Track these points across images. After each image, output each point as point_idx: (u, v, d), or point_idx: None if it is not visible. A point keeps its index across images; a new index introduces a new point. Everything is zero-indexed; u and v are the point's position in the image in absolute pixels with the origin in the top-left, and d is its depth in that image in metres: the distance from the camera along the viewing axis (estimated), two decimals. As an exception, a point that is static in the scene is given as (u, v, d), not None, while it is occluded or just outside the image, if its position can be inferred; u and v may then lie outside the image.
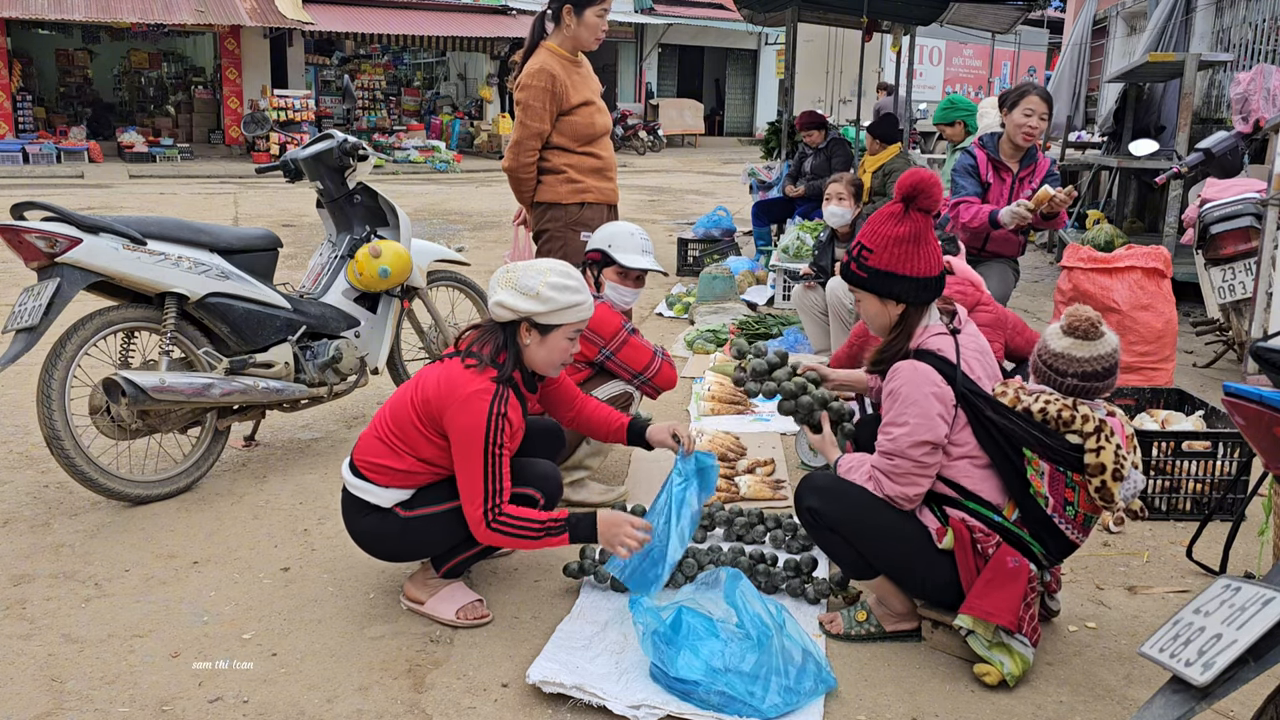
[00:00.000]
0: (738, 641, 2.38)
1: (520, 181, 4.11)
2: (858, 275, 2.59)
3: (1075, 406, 2.43)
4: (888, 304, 2.58)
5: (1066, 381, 2.48)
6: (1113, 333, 2.53)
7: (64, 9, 16.83)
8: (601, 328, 3.39)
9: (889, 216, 2.56)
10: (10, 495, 3.59)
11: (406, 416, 2.64)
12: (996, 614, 2.41)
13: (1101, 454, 2.37)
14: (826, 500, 2.57)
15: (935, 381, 2.46)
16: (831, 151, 8.05)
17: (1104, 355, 2.47)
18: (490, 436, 2.53)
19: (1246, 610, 1.54)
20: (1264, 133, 5.87)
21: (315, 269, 4.25)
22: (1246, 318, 5.04)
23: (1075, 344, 2.48)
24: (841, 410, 2.96)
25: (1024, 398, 2.48)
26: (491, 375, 2.59)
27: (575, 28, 4.00)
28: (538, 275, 2.60)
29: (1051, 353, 2.51)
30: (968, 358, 2.55)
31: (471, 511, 2.56)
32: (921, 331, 2.57)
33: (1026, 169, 4.61)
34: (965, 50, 24.72)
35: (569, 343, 2.69)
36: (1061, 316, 2.55)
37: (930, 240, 2.55)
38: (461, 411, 2.53)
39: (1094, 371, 2.46)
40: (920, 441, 2.44)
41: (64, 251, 3.26)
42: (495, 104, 23.05)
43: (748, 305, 6.76)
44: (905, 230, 2.53)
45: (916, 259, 2.52)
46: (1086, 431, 2.39)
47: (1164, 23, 9.09)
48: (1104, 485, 2.39)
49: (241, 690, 2.42)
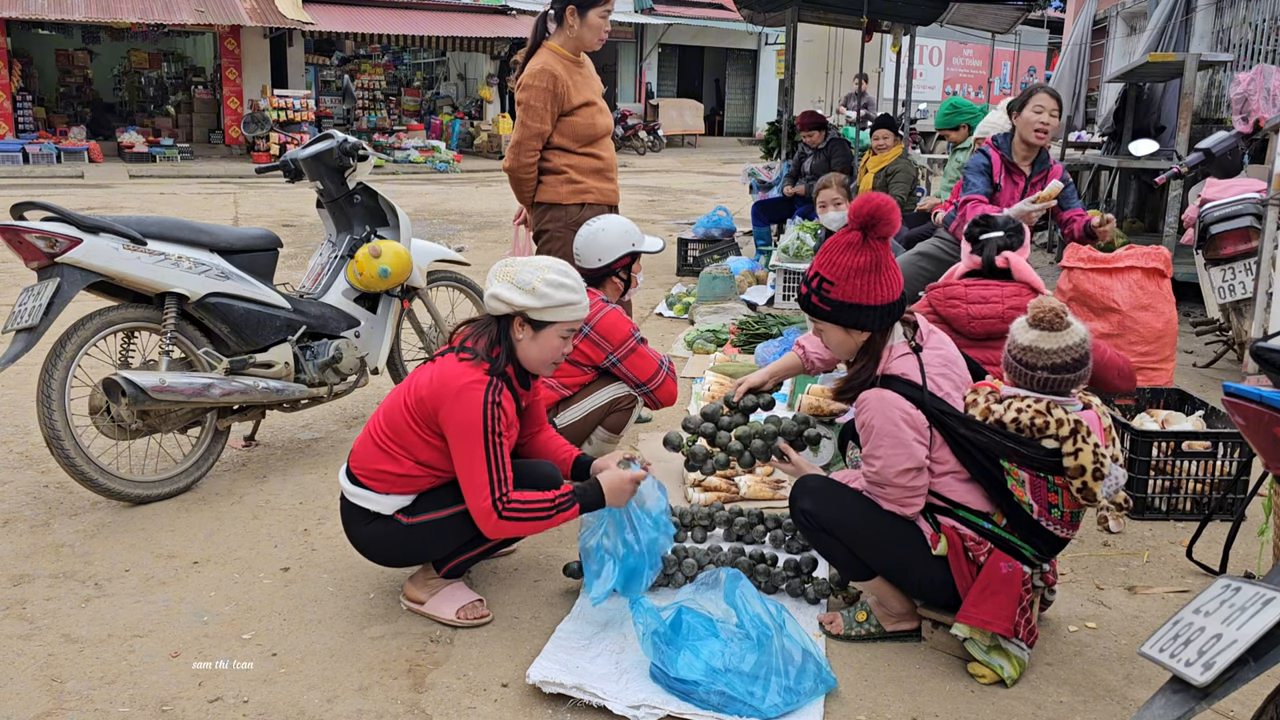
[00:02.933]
0: (738, 641, 2.38)
1: (521, 182, 4.11)
2: (820, 309, 2.54)
3: (1049, 410, 2.39)
4: (852, 333, 2.55)
5: (1038, 375, 2.44)
6: (1080, 322, 2.49)
7: (64, 9, 16.83)
8: (611, 334, 3.38)
9: (846, 246, 2.51)
10: (10, 495, 3.59)
11: (402, 419, 2.63)
12: (993, 622, 2.42)
13: (1080, 456, 2.35)
14: (820, 502, 2.57)
15: (903, 408, 2.44)
16: (831, 151, 8.06)
17: (1072, 346, 2.43)
18: (488, 425, 2.52)
19: (1246, 610, 1.53)
20: (1264, 133, 5.87)
21: (315, 269, 4.25)
22: (1246, 318, 5.04)
23: (1042, 336, 2.44)
24: (808, 434, 2.93)
25: (995, 408, 2.45)
26: (485, 368, 2.59)
27: (579, 28, 4.00)
28: (535, 271, 2.60)
29: (1020, 346, 2.48)
30: (934, 375, 2.51)
31: (479, 504, 2.54)
32: (886, 354, 2.54)
33: (1039, 174, 4.56)
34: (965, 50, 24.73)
35: (562, 341, 2.68)
36: (1028, 308, 2.51)
37: (889, 264, 2.51)
38: (456, 404, 2.53)
39: (1064, 363, 2.42)
40: (903, 470, 2.44)
41: (64, 251, 3.26)
42: (495, 104, 23.05)
43: (748, 305, 6.76)
44: (864, 260, 2.48)
45: (878, 287, 2.49)
46: (1062, 435, 2.37)
47: (1164, 23, 9.09)
48: (1085, 486, 2.38)
49: (241, 690, 2.42)
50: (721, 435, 2.96)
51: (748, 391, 3.03)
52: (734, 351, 5.51)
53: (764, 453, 2.89)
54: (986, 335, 3.32)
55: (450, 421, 2.54)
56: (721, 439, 2.95)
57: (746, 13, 10.50)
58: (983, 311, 3.32)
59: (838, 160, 7.95)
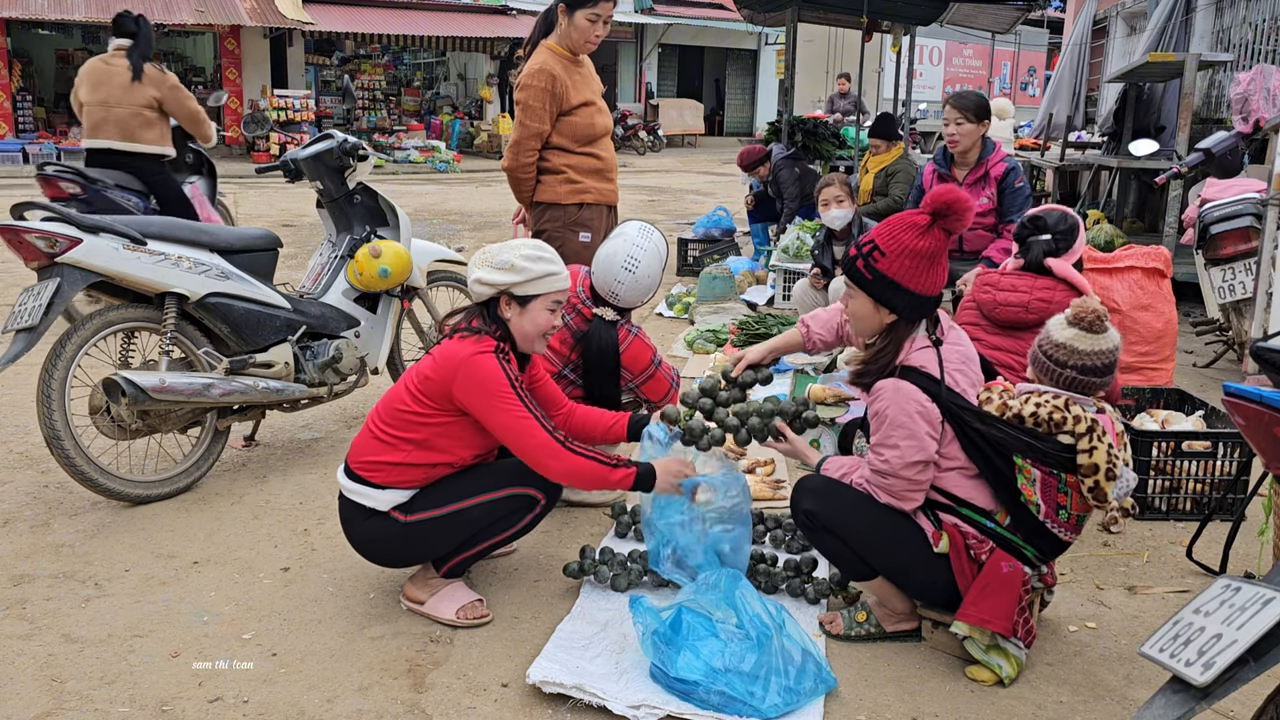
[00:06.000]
0: (738, 642, 2.38)
1: (519, 181, 4.11)
2: (863, 275, 2.52)
3: (1067, 407, 2.40)
4: (880, 310, 2.52)
5: (1065, 374, 2.45)
6: (1116, 330, 2.50)
7: (64, 9, 16.82)
8: (634, 365, 3.37)
9: (912, 226, 2.48)
10: (10, 495, 3.59)
11: (401, 402, 2.67)
12: (992, 621, 2.41)
13: (1095, 454, 2.36)
14: (822, 502, 2.57)
15: (920, 400, 2.43)
16: (778, 177, 7.94)
17: (1106, 350, 2.45)
18: (510, 378, 2.59)
19: (1246, 610, 1.53)
20: (1264, 133, 5.87)
21: (315, 269, 4.25)
22: (1246, 318, 5.04)
23: (1080, 335, 2.45)
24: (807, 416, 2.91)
25: (1011, 403, 2.46)
26: (488, 342, 2.65)
27: (567, 28, 4.00)
28: (511, 250, 2.68)
29: (1053, 343, 2.48)
30: (951, 370, 2.51)
31: (537, 445, 2.58)
32: (908, 345, 2.53)
33: (975, 172, 4.66)
34: (965, 50, 24.74)
35: (550, 314, 2.72)
36: (1069, 306, 2.51)
37: (942, 262, 2.50)
38: (470, 372, 2.58)
39: (1094, 366, 2.44)
40: (912, 462, 2.44)
41: (64, 251, 3.26)
42: (495, 104, 23.04)
43: (748, 305, 6.76)
44: (925, 245, 2.46)
45: (925, 275, 2.47)
46: (1079, 432, 2.38)
47: (1164, 23, 9.09)
48: (1097, 485, 2.38)
49: (241, 690, 2.42)
50: (719, 411, 2.92)
51: (747, 367, 2.99)
52: (734, 351, 5.51)
53: (761, 431, 2.85)
54: (1009, 323, 3.42)
55: (469, 390, 2.58)
56: (719, 415, 2.91)
57: (746, 13, 10.50)
58: (1009, 299, 3.42)
59: (786, 185, 7.82)
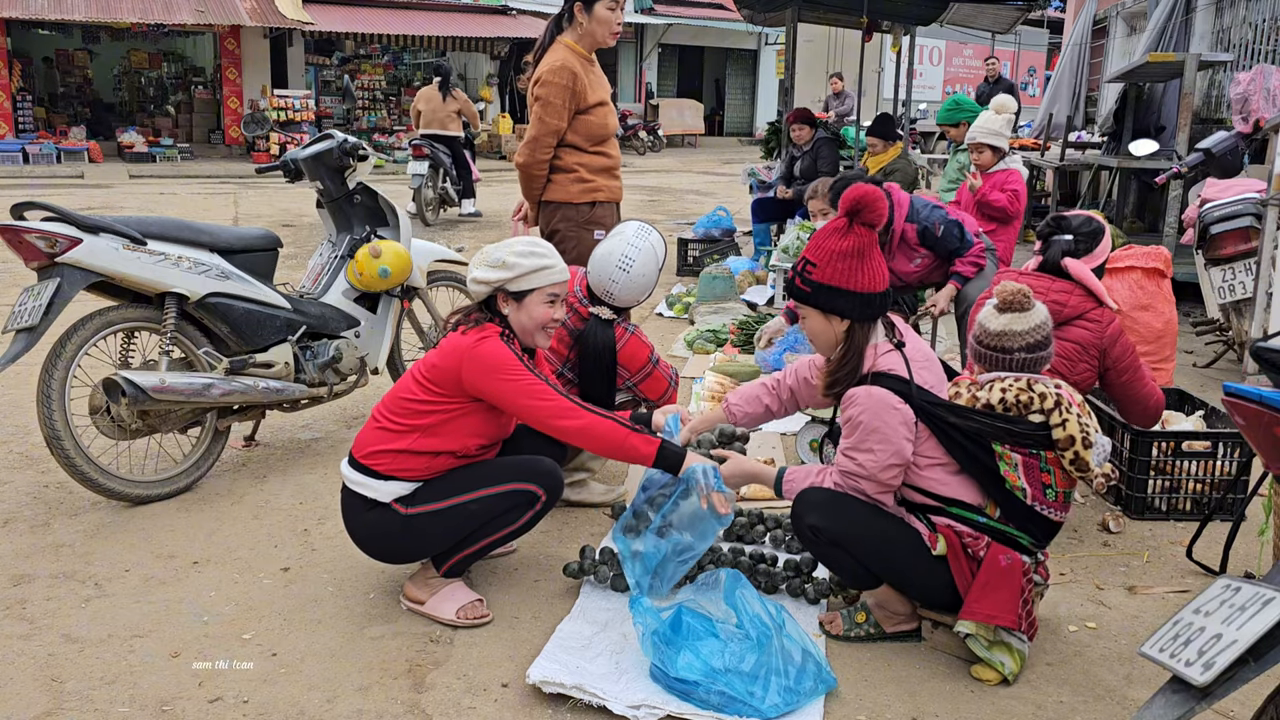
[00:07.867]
0: (738, 642, 2.38)
1: (532, 178, 4.11)
2: (801, 290, 2.57)
3: (1030, 386, 2.49)
4: (831, 320, 2.55)
5: (1015, 357, 2.56)
6: (1040, 303, 2.63)
7: (64, 9, 16.81)
8: (631, 363, 3.42)
9: (833, 231, 2.54)
10: (10, 495, 3.59)
11: (408, 392, 2.71)
12: (998, 616, 2.42)
13: (1067, 425, 2.43)
14: (827, 516, 2.56)
15: (893, 404, 2.46)
16: (817, 153, 8.00)
17: (1042, 324, 2.59)
18: (517, 355, 2.66)
19: (1246, 610, 1.54)
20: (1264, 133, 5.87)
21: (315, 269, 4.25)
22: (1246, 318, 5.05)
23: (1014, 318, 2.58)
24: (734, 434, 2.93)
25: (980, 394, 2.53)
26: (491, 328, 2.70)
27: (588, 24, 4.00)
28: (505, 248, 2.73)
29: (992, 333, 2.59)
30: (917, 370, 2.55)
31: (552, 405, 2.64)
32: (872, 351, 2.55)
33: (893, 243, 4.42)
34: (965, 50, 24.75)
35: (548, 307, 2.75)
36: (993, 295, 2.62)
37: (874, 256, 2.53)
38: (479, 356, 2.63)
39: (1037, 341, 2.56)
40: (888, 465, 2.48)
41: (64, 251, 3.26)
42: (495, 104, 23.03)
43: (748, 305, 6.76)
44: (849, 245, 2.51)
45: (860, 274, 2.50)
46: (1047, 408, 2.45)
47: (1164, 23, 9.09)
48: (1077, 456, 2.44)
49: (241, 690, 2.42)
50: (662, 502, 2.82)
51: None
52: (734, 351, 5.51)
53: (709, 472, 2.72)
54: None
55: (479, 374, 2.62)
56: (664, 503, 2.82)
57: (746, 13, 10.51)
58: None
59: (824, 162, 7.90)
